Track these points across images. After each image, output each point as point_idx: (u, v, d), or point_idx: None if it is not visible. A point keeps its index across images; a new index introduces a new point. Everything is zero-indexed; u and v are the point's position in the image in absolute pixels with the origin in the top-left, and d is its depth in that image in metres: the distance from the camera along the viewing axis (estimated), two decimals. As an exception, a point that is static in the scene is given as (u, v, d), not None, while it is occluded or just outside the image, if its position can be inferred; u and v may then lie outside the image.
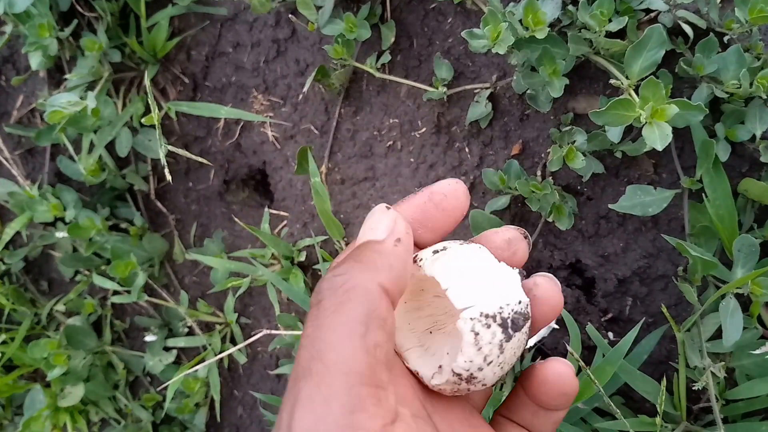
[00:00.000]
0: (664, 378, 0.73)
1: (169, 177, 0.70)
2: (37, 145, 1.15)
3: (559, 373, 0.44)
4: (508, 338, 0.40)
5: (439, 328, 0.46)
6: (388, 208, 0.41)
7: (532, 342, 0.90)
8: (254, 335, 1.06)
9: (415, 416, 0.41)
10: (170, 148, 0.73)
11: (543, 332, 0.89)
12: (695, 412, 0.89)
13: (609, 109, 0.71)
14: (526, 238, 0.45)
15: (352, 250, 0.40)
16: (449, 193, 0.44)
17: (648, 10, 0.83)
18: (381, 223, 0.40)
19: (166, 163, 0.72)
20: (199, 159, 0.85)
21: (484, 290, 0.41)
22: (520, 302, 0.42)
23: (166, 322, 1.20)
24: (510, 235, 0.45)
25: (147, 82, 0.72)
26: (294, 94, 1.06)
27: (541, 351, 0.94)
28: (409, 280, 0.40)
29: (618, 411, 0.60)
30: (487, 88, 0.90)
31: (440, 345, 0.45)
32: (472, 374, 0.40)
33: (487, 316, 0.40)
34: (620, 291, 0.90)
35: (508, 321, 0.40)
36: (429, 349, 0.45)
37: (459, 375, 0.41)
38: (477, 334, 0.40)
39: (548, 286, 0.44)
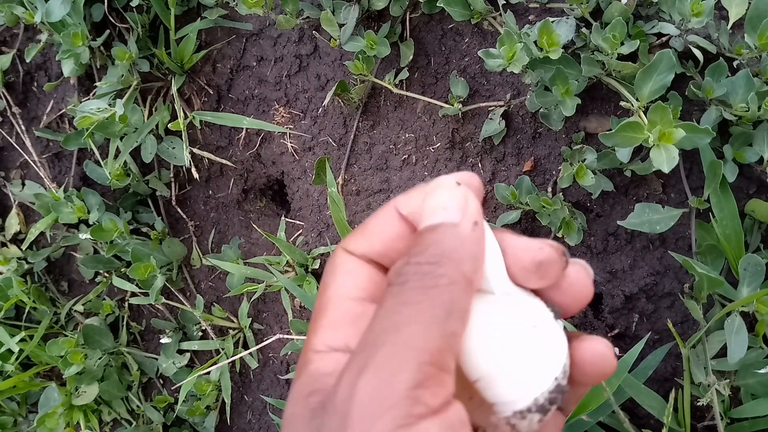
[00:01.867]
0: (673, 391, 0.75)
1: (196, 175, 0.73)
2: (65, 149, 1.19)
3: (599, 353, 0.38)
4: (545, 413, 0.37)
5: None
6: (458, 183, 0.37)
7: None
8: (267, 340, 1.09)
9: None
10: (195, 150, 0.76)
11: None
12: (699, 430, 0.90)
13: (618, 131, 0.74)
14: (564, 256, 0.38)
15: (428, 232, 0.37)
16: (461, 181, 0.39)
17: (659, 35, 0.86)
18: (452, 202, 0.37)
19: (192, 164, 0.75)
20: (222, 161, 0.88)
21: (519, 380, 0.37)
22: (556, 378, 0.37)
23: (181, 325, 1.23)
24: (543, 256, 0.38)
25: (174, 90, 0.75)
26: (314, 108, 1.09)
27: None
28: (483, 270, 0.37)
29: (626, 420, 0.61)
30: (501, 106, 0.93)
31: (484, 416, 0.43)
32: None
33: (522, 412, 0.37)
34: (627, 307, 0.92)
35: (546, 404, 0.37)
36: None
37: None
38: (513, 426, 0.37)
39: (578, 276, 0.39)
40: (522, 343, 0.37)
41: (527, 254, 0.38)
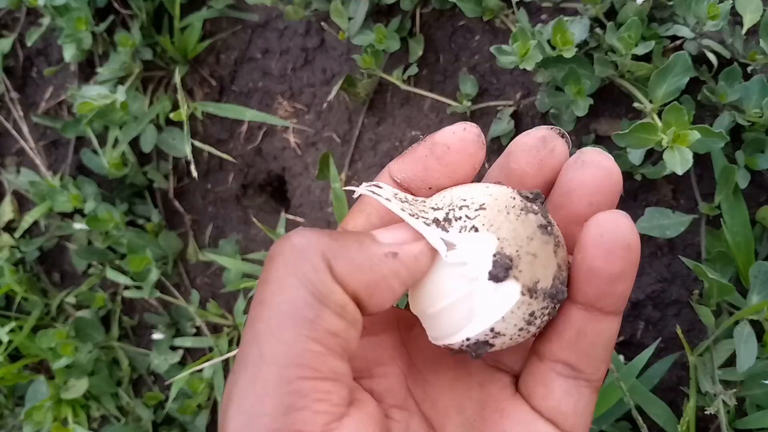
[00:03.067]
0: (685, 401, 0.73)
1: (194, 173, 0.71)
2: (62, 137, 1.17)
3: (617, 220, 0.34)
4: (485, 348, 0.36)
5: None
6: (428, 225, 0.35)
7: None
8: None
9: (399, 407, 0.38)
10: (196, 143, 0.74)
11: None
12: (702, 441, 0.89)
13: (632, 132, 0.72)
14: (563, 136, 0.38)
15: (343, 230, 0.35)
16: (453, 145, 0.36)
17: (673, 38, 0.84)
18: (397, 232, 0.35)
19: (192, 158, 0.74)
20: (223, 155, 0.86)
21: (447, 324, 0.36)
22: (492, 330, 0.35)
23: (175, 321, 1.21)
24: (543, 132, 0.37)
25: (177, 80, 0.73)
26: (318, 103, 1.07)
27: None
28: (385, 303, 0.34)
29: (642, 423, 0.59)
30: (510, 106, 0.92)
31: None
32: (485, 342, 0.36)
33: (452, 347, 0.36)
34: (633, 314, 0.90)
35: (480, 343, 0.35)
36: None
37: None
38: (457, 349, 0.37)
39: (598, 152, 0.37)
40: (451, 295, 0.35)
41: (529, 137, 0.38)
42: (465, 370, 0.40)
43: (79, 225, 1.08)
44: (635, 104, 0.77)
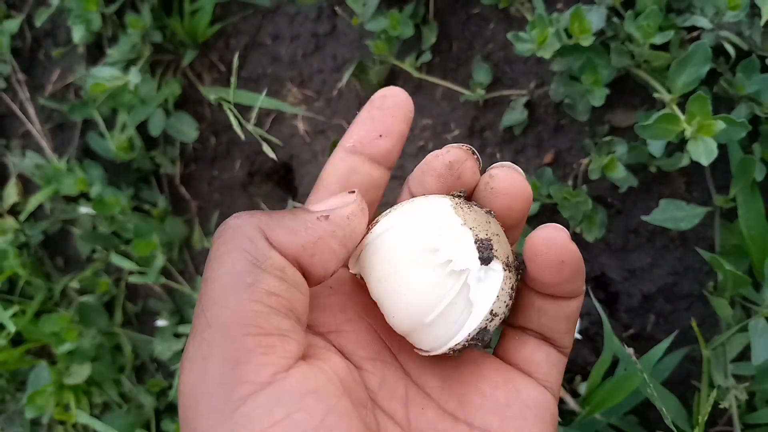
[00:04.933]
0: (696, 395, 0.72)
1: (239, 131, 0.69)
2: (69, 120, 1.15)
3: (549, 238, 0.37)
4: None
5: None
6: (353, 192, 0.39)
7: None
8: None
9: (373, 359, 0.39)
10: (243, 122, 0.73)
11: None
12: (711, 436, 0.88)
13: (655, 123, 0.72)
14: (473, 154, 0.40)
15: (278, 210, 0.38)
16: (387, 95, 0.42)
17: (691, 29, 0.84)
18: (329, 200, 0.38)
19: (234, 113, 0.72)
20: (249, 126, 0.85)
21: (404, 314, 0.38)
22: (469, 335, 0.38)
23: (179, 307, 1.20)
24: (451, 157, 0.40)
25: (184, 63, 0.72)
26: (328, 90, 1.06)
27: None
28: (331, 264, 0.37)
29: (666, 413, 0.58)
30: (524, 95, 0.91)
31: None
32: (487, 329, 0.39)
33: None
34: (644, 307, 0.89)
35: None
36: None
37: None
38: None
39: (507, 174, 0.39)
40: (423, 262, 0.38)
41: (438, 160, 0.40)
42: None
43: (84, 209, 1.06)
44: (655, 94, 0.77)
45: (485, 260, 0.37)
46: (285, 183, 1.21)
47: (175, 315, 1.19)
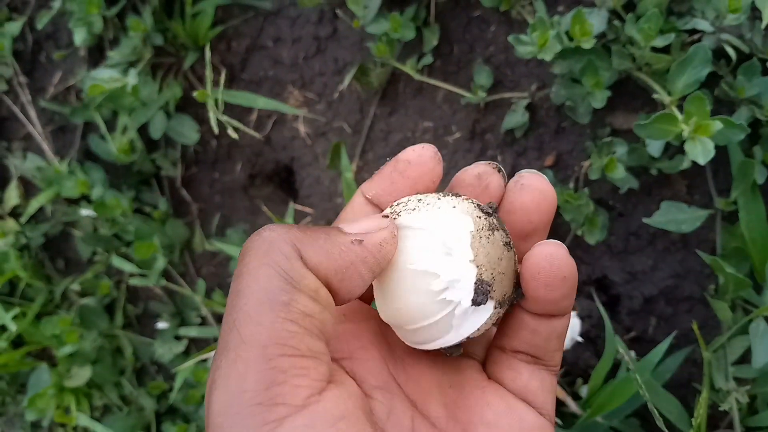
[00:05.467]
0: (697, 397, 0.72)
1: (235, 135, 0.69)
2: (70, 122, 1.16)
3: (551, 255, 0.38)
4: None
5: None
6: (387, 217, 0.39)
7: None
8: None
9: (382, 389, 0.40)
10: (221, 118, 0.73)
11: (566, 345, 0.89)
12: (713, 439, 0.88)
13: (652, 123, 0.72)
14: (499, 171, 0.42)
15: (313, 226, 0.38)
16: (413, 160, 0.41)
17: (692, 32, 0.84)
18: (363, 222, 0.38)
19: (218, 127, 0.72)
20: (250, 131, 0.85)
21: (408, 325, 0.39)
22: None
23: (180, 310, 1.20)
24: (480, 170, 0.42)
25: (207, 57, 0.72)
26: (329, 92, 1.06)
27: (563, 364, 0.93)
28: (358, 289, 0.37)
29: (658, 415, 0.58)
30: (525, 98, 0.91)
31: None
32: (460, 344, 0.41)
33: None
34: (645, 310, 0.89)
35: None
36: None
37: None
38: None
39: (535, 176, 0.41)
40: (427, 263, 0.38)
41: (467, 174, 0.42)
42: (441, 355, 0.43)
43: (85, 211, 1.07)
44: (654, 95, 0.77)
45: (477, 303, 0.38)
46: (286, 185, 1.21)
47: (175, 317, 1.19)
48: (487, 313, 0.39)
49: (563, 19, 0.83)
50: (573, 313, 0.90)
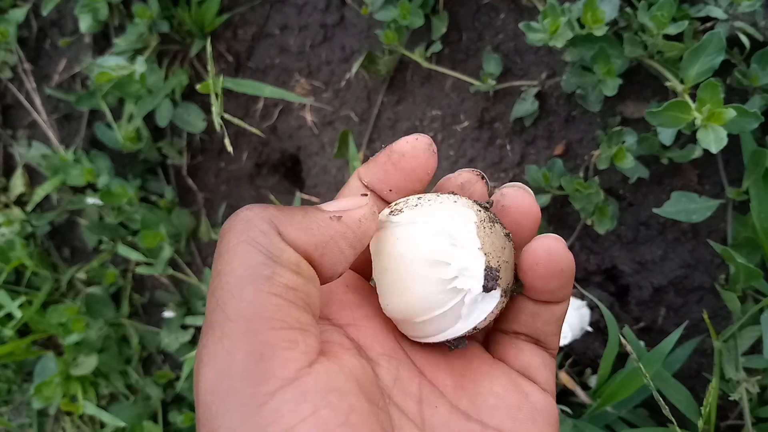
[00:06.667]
0: (708, 386, 0.72)
1: (230, 147, 0.69)
2: (75, 110, 1.15)
3: (550, 248, 0.39)
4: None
5: None
6: (366, 195, 0.39)
7: (562, 343, 0.89)
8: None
9: (388, 356, 0.40)
10: (226, 116, 0.73)
11: (575, 334, 0.88)
12: (722, 429, 0.88)
13: (665, 110, 0.71)
14: (482, 179, 0.43)
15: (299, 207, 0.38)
16: (407, 152, 0.41)
17: (704, 19, 0.83)
18: (342, 202, 0.38)
19: (223, 126, 0.72)
20: (253, 129, 0.84)
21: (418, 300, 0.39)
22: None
23: (186, 299, 1.19)
24: (463, 179, 0.42)
25: (208, 47, 0.72)
26: (337, 80, 1.06)
27: (569, 355, 0.93)
28: (340, 264, 0.37)
29: (664, 404, 0.58)
30: (534, 86, 0.90)
31: None
32: (465, 336, 0.41)
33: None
34: (655, 300, 0.89)
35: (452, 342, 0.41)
36: None
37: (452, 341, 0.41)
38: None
39: (517, 194, 0.41)
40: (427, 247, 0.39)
41: (450, 182, 0.42)
42: None
43: (92, 199, 1.06)
44: (667, 83, 0.76)
45: (488, 288, 0.38)
46: (292, 174, 1.20)
47: (182, 306, 1.19)
48: (494, 300, 0.39)
49: (574, 6, 0.82)
50: (583, 303, 0.89)
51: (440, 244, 0.38)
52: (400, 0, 0.90)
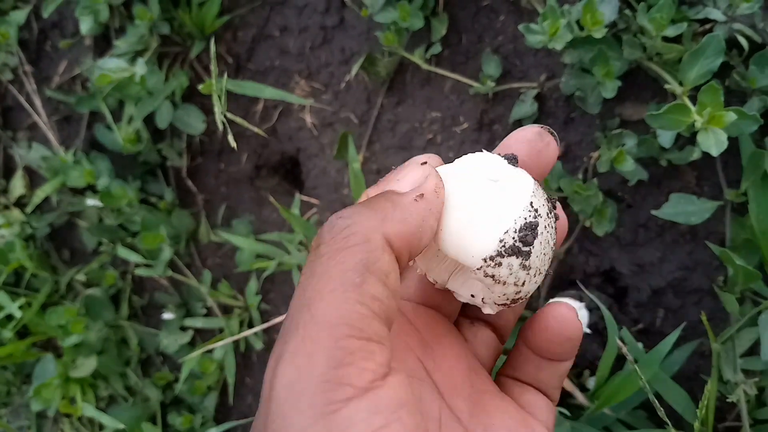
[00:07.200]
0: (705, 388, 0.72)
1: (233, 142, 0.70)
2: (75, 112, 1.15)
3: (561, 316, 0.41)
4: (527, 256, 0.38)
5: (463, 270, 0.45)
6: (424, 163, 0.39)
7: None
8: (274, 320, 1.06)
9: (411, 376, 0.40)
10: (229, 115, 0.73)
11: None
12: (720, 431, 0.88)
13: (665, 113, 0.71)
14: (552, 134, 0.43)
15: (367, 198, 0.38)
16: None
17: (703, 21, 0.83)
18: (408, 176, 0.38)
19: (226, 123, 0.72)
20: (255, 128, 0.84)
21: (478, 232, 0.38)
22: (520, 216, 0.38)
23: (185, 301, 1.19)
24: (539, 129, 0.43)
25: (212, 48, 0.72)
26: (336, 82, 1.06)
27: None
28: (429, 241, 0.37)
29: (659, 406, 0.58)
30: (534, 88, 0.91)
31: (473, 282, 0.43)
32: (513, 300, 0.40)
33: (492, 258, 0.37)
34: (653, 302, 0.89)
35: (517, 245, 0.38)
36: (465, 284, 0.44)
37: (503, 304, 0.40)
38: (493, 276, 0.38)
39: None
40: (485, 189, 0.39)
41: (527, 131, 0.43)
42: (466, 347, 0.45)
43: (92, 201, 1.06)
44: (666, 86, 0.76)
45: (512, 160, 0.41)
46: (292, 176, 1.20)
47: (181, 308, 1.19)
48: (529, 185, 0.39)
49: (573, 8, 0.82)
50: (581, 305, 0.89)
51: (491, 168, 0.39)
52: (399, 2, 0.90)
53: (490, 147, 0.96)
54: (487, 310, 0.41)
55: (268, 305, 1.16)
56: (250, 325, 1.16)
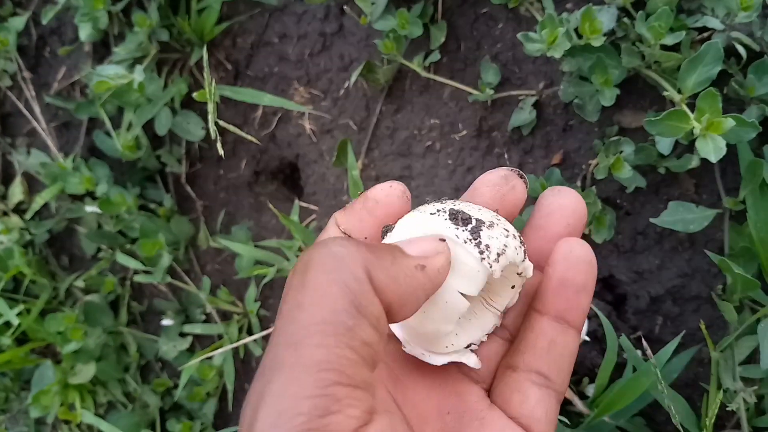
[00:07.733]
0: (705, 396, 0.72)
1: (221, 150, 0.70)
2: (74, 118, 1.15)
3: (581, 242, 0.41)
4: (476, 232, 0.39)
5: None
6: (443, 240, 0.38)
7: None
8: (273, 327, 1.05)
9: (386, 411, 0.38)
10: (221, 123, 0.73)
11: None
12: (719, 439, 0.88)
13: (663, 120, 0.71)
14: (521, 177, 0.43)
15: (371, 242, 0.37)
16: (381, 199, 0.40)
17: (702, 29, 0.83)
18: (421, 244, 0.37)
19: (217, 136, 0.72)
20: (248, 137, 0.85)
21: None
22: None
23: (184, 307, 1.19)
24: (505, 172, 0.43)
25: (204, 58, 0.72)
26: (335, 89, 1.06)
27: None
28: (410, 315, 0.36)
29: (674, 413, 0.58)
30: (532, 95, 0.91)
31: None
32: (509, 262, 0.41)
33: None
34: (652, 309, 0.89)
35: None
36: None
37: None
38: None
39: (570, 190, 0.43)
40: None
41: (493, 175, 0.43)
42: (442, 378, 0.43)
43: (90, 207, 1.06)
44: (665, 93, 0.76)
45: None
46: (291, 182, 1.21)
47: (180, 314, 1.19)
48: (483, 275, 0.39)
49: (572, 16, 0.82)
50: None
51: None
52: (398, 10, 0.90)
53: (489, 155, 0.96)
54: (472, 363, 0.42)
55: (267, 312, 1.16)
56: (250, 332, 1.16)
